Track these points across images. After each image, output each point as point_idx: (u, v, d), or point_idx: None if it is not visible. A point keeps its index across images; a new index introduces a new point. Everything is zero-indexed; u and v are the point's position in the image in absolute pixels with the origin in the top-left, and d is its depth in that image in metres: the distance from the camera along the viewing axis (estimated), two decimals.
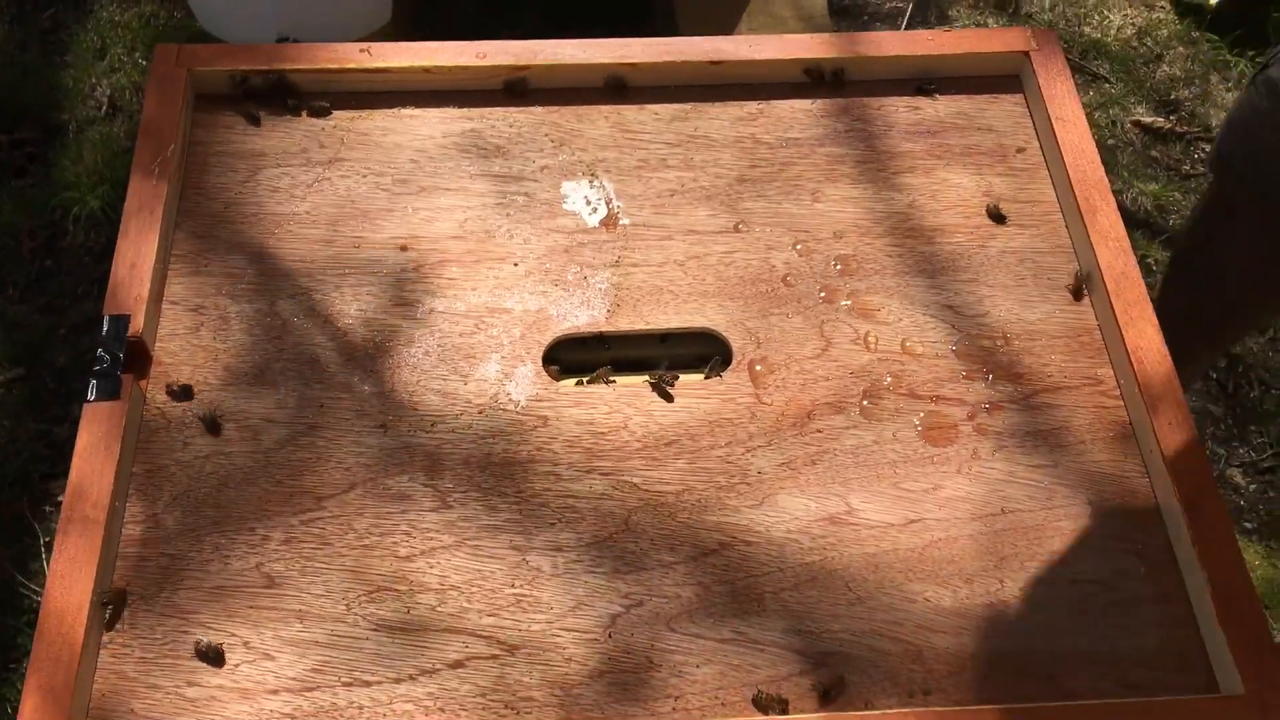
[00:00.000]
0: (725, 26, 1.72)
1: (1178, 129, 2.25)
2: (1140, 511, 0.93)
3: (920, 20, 2.36)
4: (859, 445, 0.95)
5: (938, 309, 1.03)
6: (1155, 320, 0.99)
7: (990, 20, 2.38)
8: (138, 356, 0.93)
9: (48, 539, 1.85)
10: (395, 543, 0.89)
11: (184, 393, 0.93)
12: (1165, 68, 2.36)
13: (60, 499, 1.97)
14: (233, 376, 0.95)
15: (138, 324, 0.93)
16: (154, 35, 2.33)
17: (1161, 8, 2.44)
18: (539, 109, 1.12)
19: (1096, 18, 2.41)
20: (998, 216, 1.08)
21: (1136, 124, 2.27)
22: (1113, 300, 1.00)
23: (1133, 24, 2.41)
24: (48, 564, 1.87)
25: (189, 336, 0.97)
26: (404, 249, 1.03)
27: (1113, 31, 2.40)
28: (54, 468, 1.94)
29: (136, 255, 0.96)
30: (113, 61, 2.32)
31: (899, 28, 2.34)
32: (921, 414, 0.97)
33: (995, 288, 1.04)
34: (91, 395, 0.90)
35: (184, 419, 0.93)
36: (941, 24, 2.36)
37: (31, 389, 2.01)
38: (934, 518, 0.92)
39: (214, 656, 0.83)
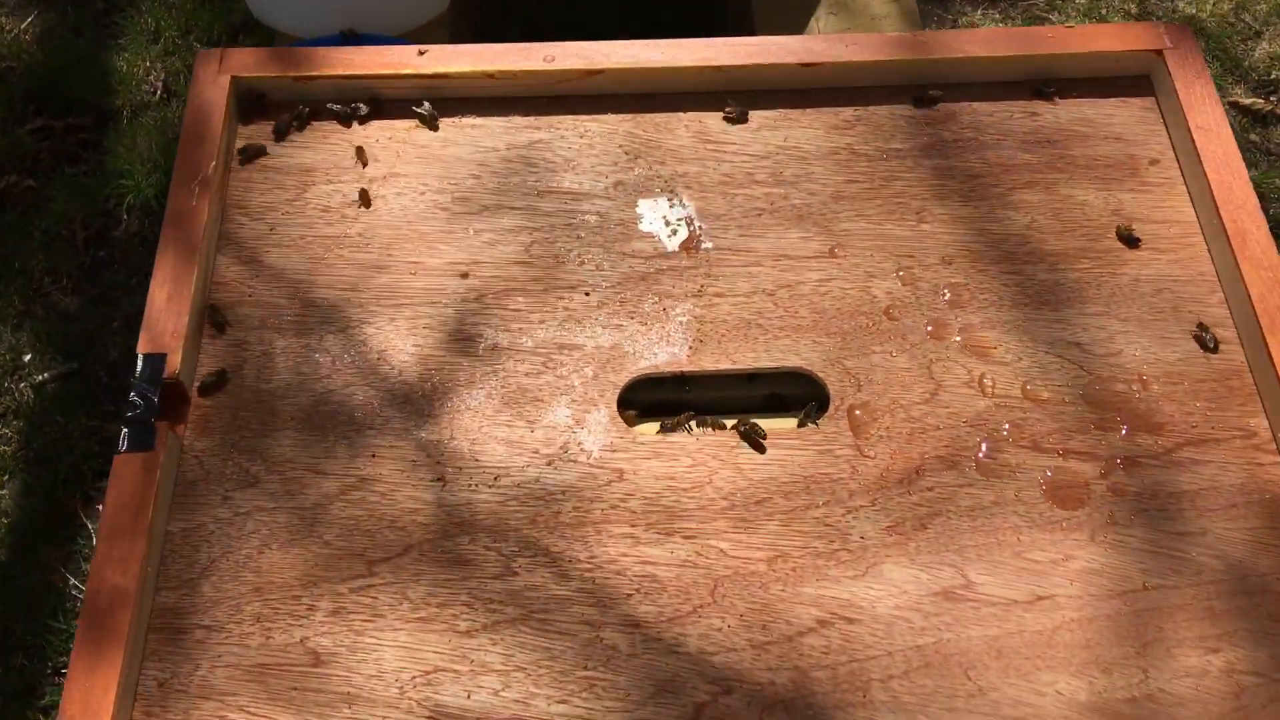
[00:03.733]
0: (805, 9, 1.59)
1: (1278, 110, 2.08)
2: None
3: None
4: (976, 506, 0.84)
5: (1063, 346, 0.91)
6: None
7: None
8: (174, 400, 0.85)
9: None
10: (455, 615, 0.80)
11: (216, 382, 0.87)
12: (1265, 45, 2.18)
13: None
14: (277, 421, 0.87)
15: (174, 363, 0.85)
16: (209, 17, 2.25)
17: None
18: (612, 117, 1.01)
19: None
20: (1130, 239, 0.95)
21: (1234, 105, 2.10)
22: (1267, 339, 0.88)
23: None
24: None
25: (230, 376, 0.88)
26: (465, 276, 0.93)
27: (1208, 7, 2.22)
28: (106, 465, 1.89)
29: (174, 285, 0.88)
30: (167, 45, 2.25)
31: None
32: (1047, 471, 0.85)
33: (1129, 322, 0.92)
34: (123, 446, 0.82)
35: (223, 470, 0.84)
36: None
37: (84, 384, 1.96)
38: (1065, 594, 0.81)
39: None
